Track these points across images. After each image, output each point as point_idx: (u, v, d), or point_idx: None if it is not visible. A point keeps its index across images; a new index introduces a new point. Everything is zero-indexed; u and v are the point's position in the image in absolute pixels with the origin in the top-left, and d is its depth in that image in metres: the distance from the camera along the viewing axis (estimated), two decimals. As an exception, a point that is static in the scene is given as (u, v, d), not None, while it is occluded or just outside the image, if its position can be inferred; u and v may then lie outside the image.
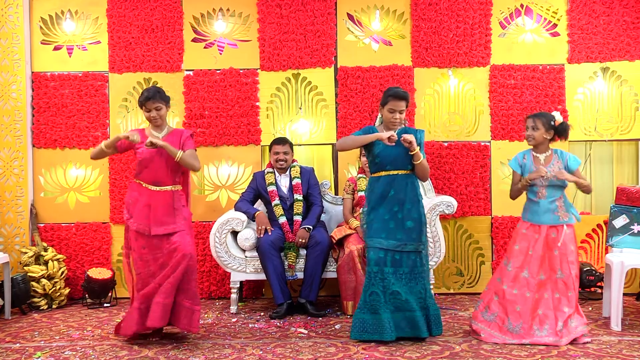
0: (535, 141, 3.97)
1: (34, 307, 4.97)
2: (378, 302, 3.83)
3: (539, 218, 3.94)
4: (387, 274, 3.85)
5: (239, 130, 5.33)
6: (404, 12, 5.37)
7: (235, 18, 5.40)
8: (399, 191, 3.91)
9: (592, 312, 4.62)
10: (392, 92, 3.93)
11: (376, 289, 3.85)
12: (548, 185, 3.93)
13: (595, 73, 5.33)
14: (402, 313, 3.85)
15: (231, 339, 4.02)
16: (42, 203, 5.35)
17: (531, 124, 3.95)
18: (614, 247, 4.52)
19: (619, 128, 5.33)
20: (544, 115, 3.94)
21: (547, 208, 3.93)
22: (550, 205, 3.93)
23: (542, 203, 3.94)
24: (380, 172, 3.98)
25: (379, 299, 3.83)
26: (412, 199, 3.92)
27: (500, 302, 3.94)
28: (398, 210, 3.90)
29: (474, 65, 5.33)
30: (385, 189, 3.93)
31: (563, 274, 3.88)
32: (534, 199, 3.97)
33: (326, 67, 5.34)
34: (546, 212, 3.93)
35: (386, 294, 3.84)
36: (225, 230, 4.71)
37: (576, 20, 5.30)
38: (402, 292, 3.84)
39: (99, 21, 5.37)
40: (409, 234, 3.89)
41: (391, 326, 3.81)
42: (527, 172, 3.98)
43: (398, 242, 3.88)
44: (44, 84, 5.33)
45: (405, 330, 3.85)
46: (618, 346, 3.76)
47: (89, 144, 5.33)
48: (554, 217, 3.92)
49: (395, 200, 3.91)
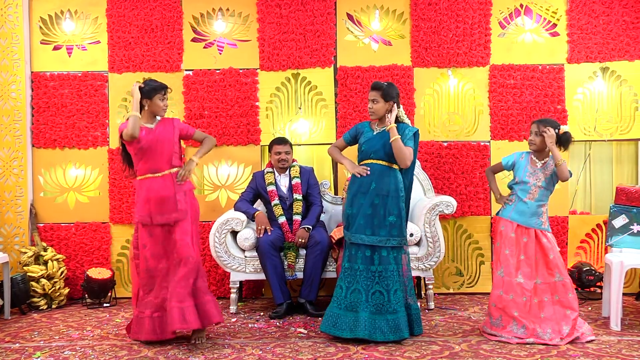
0: (537, 147, 3.96)
1: (33, 307, 4.97)
2: (359, 300, 3.84)
3: (527, 220, 3.95)
4: (373, 272, 3.87)
5: (239, 130, 5.33)
6: (403, 12, 5.36)
7: (235, 18, 5.40)
8: (381, 184, 3.91)
9: (591, 312, 4.61)
10: (371, 84, 4.02)
11: (359, 287, 3.86)
12: (541, 187, 3.94)
13: (595, 73, 5.33)
14: (384, 316, 3.83)
15: (231, 339, 4.01)
16: (42, 203, 5.34)
17: (535, 129, 3.94)
18: (613, 247, 4.52)
19: (618, 128, 5.32)
20: (550, 122, 3.92)
21: (534, 211, 3.94)
22: (536, 209, 3.94)
23: (530, 205, 3.94)
24: (364, 161, 4.00)
25: (360, 297, 3.84)
26: (394, 194, 3.92)
27: (499, 308, 3.95)
28: (379, 203, 3.89)
29: (473, 65, 5.33)
30: (365, 178, 3.93)
31: (561, 277, 3.90)
32: (524, 198, 3.96)
33: (326, 67, 5.34)
34: (533, 215, 3.95)
35: (369, 293, 3.85)
36: (225, 230, 4.70)
37: (576, 20, 5.29)
38: (384, 292, 3.84)
39: (99, 21, 5.37)
40: (390, 229, 3.88)
41: (366, 325, 3.80)
42: (521, 170, 3.99)
43: (381, 237, 3.87)
44: (43, 84, 5.32)
45: (388, 335, 3.81)
46: (617, 346, 3.75)
47: (88, 143, 5.33)
48: (539, 221, 3.95)
49: (375, 193, 3.90)
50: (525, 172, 3.98)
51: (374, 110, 3.95)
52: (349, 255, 3.95)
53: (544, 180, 3.94)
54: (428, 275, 4.73)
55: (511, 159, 4.10)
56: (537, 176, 3.95)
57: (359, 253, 3.90)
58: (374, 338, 3.79)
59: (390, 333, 3.81)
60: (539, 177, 3.95)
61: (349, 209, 3.99)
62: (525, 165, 4.00)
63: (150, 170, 3.89)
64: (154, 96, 3.89)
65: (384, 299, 3.84)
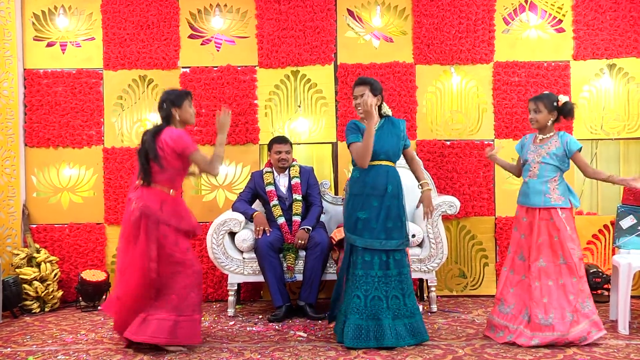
0: (539, 124, 3.92)
1: (25, 311, 4.93)
2: (381, 307, 3.77)
3: (528, 199, 3.91)
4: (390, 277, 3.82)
5: (237, 128, 5.28)
6: (405, 7, 5.34)
7: (233, 14, 5.37)
8: (395, 186, 3.85)
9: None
10: (355, 80, 3.94)
11: (379, 294, 3.78)
12: (541, 162, 3.88)
13: (602, 70, 5.29)
14: (401, 320, 3.80)
15: (228, 343, 3.98)
16: (35, 203, 5.30)
17: (533, 106, 3.91)
18: (621, 249, 4.50)
19: (625, 126, 5.29)
20: (547, 97, 3.89)
21: (538, 189, 3.86)
22: (540, 187, 3.86)
23: (531, 183, 3.90)
24: (372, 162, 3.84)
25: (381, 304, 3.78)
26: (402, 195, 3.90)
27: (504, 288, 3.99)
28: (391, 205, 3.83)
29: (477, 62, 5.29)
30: (378, 180, 3.83)
31: (565, 261, 3.81)
32: (525, 178, 3.97)
33: (326, 64, 5.31)
34: (537, 194, 3.86)
35: (389, 298, 3.79)
36: (223, 231, 4.66)
37: (582, 15, 5.26)
38: (400, 296, 3.80)
39: (93, 17, 5.34)
40: (401, 231, 3.84)
41: (392, 333, 3.75)
42: (524, 149, 4.01)
43: (397, 240, 3.82)
44: (36, 82, 5.28)
45: (407, 339, 3.79)
46: (626, 350, 3.70)
47: (82, 143, 5.29)
48: (545, 199, 3.84)
49: (391, 196, 3.83)
50: (527, 150, 3.98)
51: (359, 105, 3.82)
52: (363, 262, 3.81)
53: (546, 155, 3.88)
54: (431, 278, 4.71)
55: (520, 143, 4.12)
56: (537, 152, 3.91)
57: (375, 259, 3.80)
58: (399, 344, 3.76)
59: (410, 337, 3.79)
60: (540, 153, 3.90)
61: (360, 213, 3.83)
62: (528, 144, 4.01)
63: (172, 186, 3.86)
64: (183, 103, 3.85)
65: (400, 303, 3.80)
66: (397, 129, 3.93)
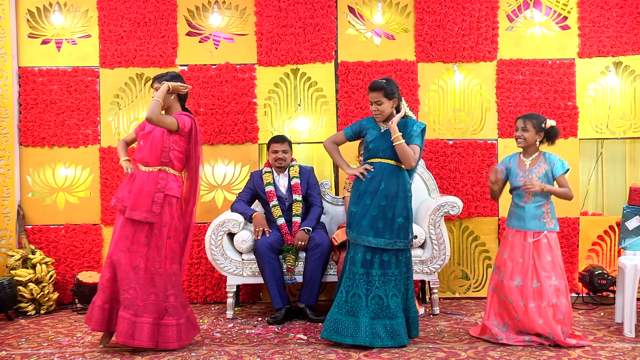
0: (525, 142, 3.95)
1: (21, 313, 4.90)
2: (359, 305, 3.80)
3: (525, 224, 3.94)
4: (373, 276, 3.83)
5: (236, 127, 5.26)
6: (407, 4, 5.31)
7: (232, 11, 5.35)
8: (390, 184, 3.86)
9: (604, 318, 4.56)
10: (369, 85, 3.92)
11: (359, 291, 3.82)
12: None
13: (608, 68, 5.27)
14: (382, 321, 3.80)
15: (227, 345, 3.97)
16: (30, 204, 5.27)
17: (522, 124, 3.94)
18: (627, 250, 4.48)
19: (632, 125, 5.26)
20: (536, 117, 3.95)
21: (534, 214, 3.92)
22: (536, 211, 3.92)
23: (527, 208, 3.93)
24: (371, 159, 3.95)
25: (360, 302, 3.80)
26: (402, 195, 3.88)
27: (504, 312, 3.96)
28: (386, 205, 3.84)
29: (480, 60, 5.26)
30: (373, 178, 3.88)
31: (557, 281, 3.87)
32: (520, 203, 3.97)
33: (326, 62, 5.28)
34: (532, 218, 3.92)
35: (369, 297, 3.81)
36: (222, 232, 4.63)
37: (587, 12, 5.23)
38: (384, 297, 3.81)
39: (89, 14, 5.30)
40: (398, 231, 3.84)
41: (367, 332, 3.77)
42: (512, 175, 4.01)
43: (387, 240, 3.82)
44: (31, 80, 5.25)
45: (385, 340, 3.79)
46: (632, 353, 3.68)
47: (78, 142, 5.27)
48: (540, 223, 3.92)
49: (384, 194, 3.85)
50: (516, 177, 3.98)
51: (380, 111, 3.89)
52: (350, 258, 3.92)
53: (537, 180, 3.91)
54: (433, 279, 4.69)
55: (503, 168, 4.08)
56: (528, 179, 3.93)
57: (359, 255, 3.86)
58: (373, 344, 3.78)
59: (388, 339, 3.80)
60: (531, 179, 3.92)
61: (353, 206, 3.94)
62: (514, 170, 4.01)
63: (142, 161, 3.97)
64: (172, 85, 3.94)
65: (383, 304, 3.82)
66: (404, 129, 3.88)
